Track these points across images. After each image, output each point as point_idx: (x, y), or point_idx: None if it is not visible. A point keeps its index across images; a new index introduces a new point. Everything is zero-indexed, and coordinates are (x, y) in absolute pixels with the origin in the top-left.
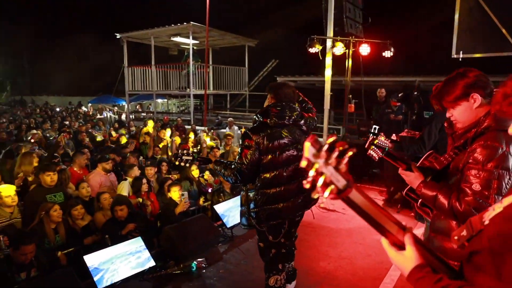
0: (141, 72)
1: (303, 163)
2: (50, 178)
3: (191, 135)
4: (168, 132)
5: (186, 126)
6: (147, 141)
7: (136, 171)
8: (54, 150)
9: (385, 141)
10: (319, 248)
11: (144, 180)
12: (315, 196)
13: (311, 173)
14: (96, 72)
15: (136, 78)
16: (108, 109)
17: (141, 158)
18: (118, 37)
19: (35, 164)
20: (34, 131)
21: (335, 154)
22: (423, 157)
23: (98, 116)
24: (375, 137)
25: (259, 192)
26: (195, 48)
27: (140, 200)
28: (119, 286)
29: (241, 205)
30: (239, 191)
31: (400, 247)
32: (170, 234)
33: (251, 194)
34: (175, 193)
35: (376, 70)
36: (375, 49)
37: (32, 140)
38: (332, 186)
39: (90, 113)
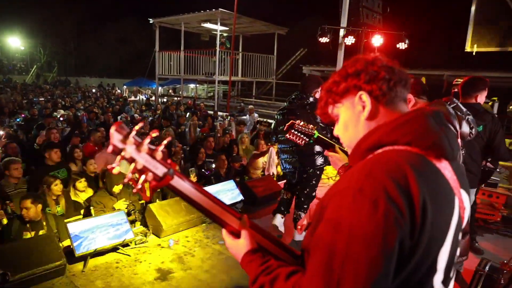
0: (169, 57)
1: (109, 149)
2: (56, 154)
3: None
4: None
5: (209, 112)
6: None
7: None
8: (76, 127)
9: (306, 127)
10: None
11: None
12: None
13: (118, 158)
14: (134, 56)
15: (166, 63)
16: (143, 92)
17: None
18: (151, 22)
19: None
20: (61, 111)
21: (147, 140)
22: None
23: (132, 98)
24: (294, 122)
25: None
26: (225, 34)
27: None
28: (95, 253)
29: None
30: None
31: (238, 235)
32: (152, 210)
33: None
34: None
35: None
36: (390, 40)
37: (60, 117)
38: (150, 174)
39: (125, 95)
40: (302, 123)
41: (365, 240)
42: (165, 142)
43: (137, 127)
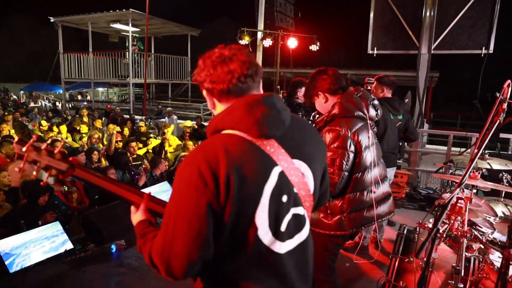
0: (77, 59)
1: (17, 157)
2: None
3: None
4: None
5: (126, 116)
6: (83, 130)
7: None
8: None
9: None
10: None
11: None
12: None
13: (21, 163)
14: (31, 58)
15: (73, 65)
16: (44, 97)
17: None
18: (52, 21)
19: None
20: None
21: (44, 145)
22: None
23: (33, 105)
24: None
25: None
26: (137, 35)
27: (66, 188)
28: (34, 270)
29: None
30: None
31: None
32: (90, 218)
33: None
34: None
35: (307, 63)
36: (303, 43)
37: None
38: (53, 170)
39: (23, 100)
40: None
41: (186, 206)
42: (59, 145)
43: (34, 137)
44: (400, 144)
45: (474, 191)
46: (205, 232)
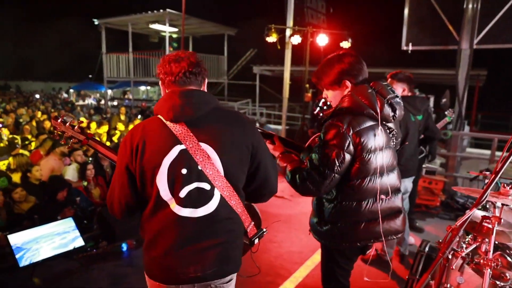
0: (117, 59)
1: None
2: None
3: None
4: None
5: None
6: (120, 128)
7: (80, 155)
8: (20, 133)
9: None
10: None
11: (90, 166)
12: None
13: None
14: (81, 59)
15: (114, 65)
16: (91, 96)
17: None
18: (96, 23)
19: None
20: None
21: (69, 121)
22: (314, 136)
23: (81, 102)
24: None
25: None
26: (174, 36)
27: (85, 183)
28: (43, 265)
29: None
30: None
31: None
32: (104, 215)
33: None
34: None
35: None
36: (334, 40)
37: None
38: (74, 139)
39: (73, 99)
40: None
41: (117, 165)
42: (83, 123)
43: (62, 114)
44: (428, 147)
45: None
46: (126, 185)
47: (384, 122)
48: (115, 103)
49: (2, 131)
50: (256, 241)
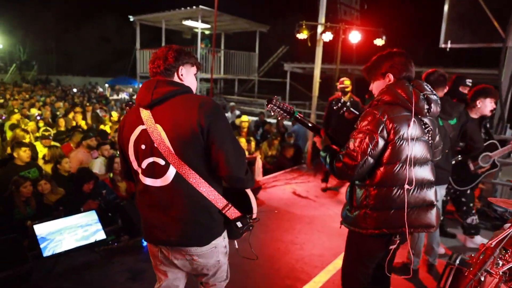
0: (150, 55)
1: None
2: (26, 153)
3: None
4: None
5: None
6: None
7: (107, 149)
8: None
9: (285, 105)
10: (275, 232)
11: (117, 159)
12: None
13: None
14: (117, 54)
15: (148, 61)
16: (124, 91)
17: None
18: (131, 20)
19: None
20: (35, 110)
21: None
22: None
23: (115, 97)
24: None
25: None
26: (207, 32)
27: (111, 175)
28: (66, 256)
29: None
30: None
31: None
32: (126, 209)
33: None
34: None
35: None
36: (368, 37)
37: (36, 116)
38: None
39: (107, 94)
40: (280, 100)
41: None
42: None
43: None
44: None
45: None
46: (121, 157)
47: (419, 116)
48: None
49: (39, 123)
50: (239, 224)
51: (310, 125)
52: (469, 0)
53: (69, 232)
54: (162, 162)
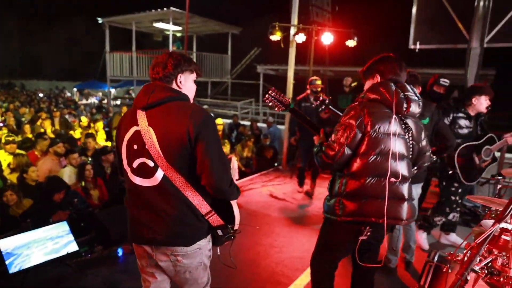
0: (121, 58)
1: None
2: None
3: None
4: None
5: None
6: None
7: (75, 158)
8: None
9: (282, 96)
10: (254, 236)
11: (89, 166)
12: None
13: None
14: (85, 58)
15: (118, 64)
16: (94, 95)
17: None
18: (100, 21)
19: None
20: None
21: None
22: None
23: (84, 101)
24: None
25: None
26: (178, 34)
27: (83, 183)
28: (34, 271)
29: None
30: None
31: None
32: (99, 218)
33: None
34: None
35: (344, 60)
36: (340, 38)
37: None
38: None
39: (76, 98)
40: (277, 92)
41: None
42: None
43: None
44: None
45: None
46: (118, 155)
47: (400, 115)
48: (118, 102)
49: (2, 130)
50: (220, 232)
51: (308, 118)
52: (435, 3)
53: (37, 246)
54: (151, 164)
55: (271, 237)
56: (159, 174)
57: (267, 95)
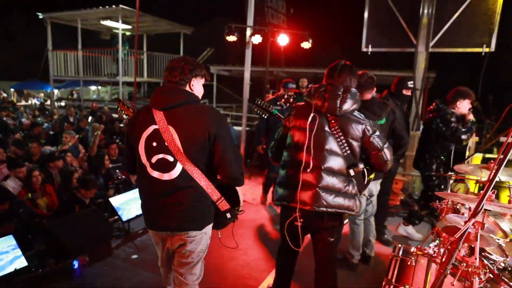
0: (65, 57)
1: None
2: None
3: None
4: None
5: (114, 115)
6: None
7: (23, 172)
8: None
9: (264, 105)
10: (216, 239)
11: (36, 172)
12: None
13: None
14: (24, 56)
15: (62, 63)
16: (35, 96)
17: (56, 147)
18: (40, 17)
19: None
20: None
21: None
22: None
23: (23, 103)
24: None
25: None
26: (127, 33)
27: (29, 195)
28: None
29: None
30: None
31: None
32: (52, 229)
33: None
34: None
35: (300, 62)
36: (295, 40)
37: None
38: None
39: (14, 99)
40: (261, 101)
41: None
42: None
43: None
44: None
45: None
46: (128, 152)
47: (328, 114)
48: (63, 103)
49: None
50: (228, 215)
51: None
52: (385, 9)
53: None
54: (171, 159)
55: (236, 239)
56: (178, 168)
57: (255, 105)
